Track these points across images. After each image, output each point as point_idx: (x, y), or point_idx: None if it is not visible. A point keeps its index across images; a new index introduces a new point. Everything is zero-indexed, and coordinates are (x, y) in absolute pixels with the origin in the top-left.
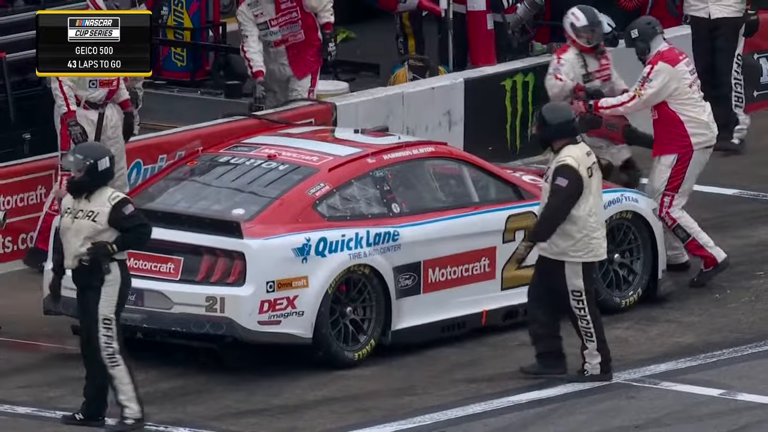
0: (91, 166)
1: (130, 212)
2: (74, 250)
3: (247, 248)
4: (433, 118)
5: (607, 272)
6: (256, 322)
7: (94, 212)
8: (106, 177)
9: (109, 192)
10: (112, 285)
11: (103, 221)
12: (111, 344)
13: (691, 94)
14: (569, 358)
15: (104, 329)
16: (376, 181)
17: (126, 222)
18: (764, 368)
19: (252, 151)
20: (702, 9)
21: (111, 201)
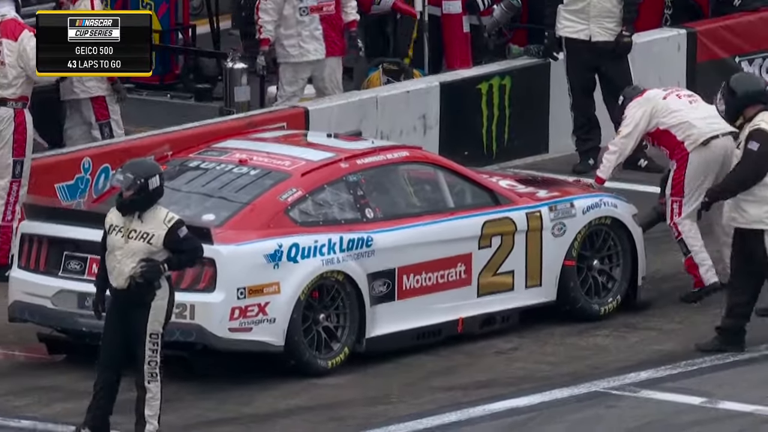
0: (142, 185)
1: (185, 235)
2: (127, 271)
3: (217, 254)
4: (407, 122)
5: (586, 279)
6: (227, 330)
7: (149, 234)
8: (157, 195)
9: (164, 213)
10: (162, 300)
11: (159, 243)
12: (155, 358)
13: (670, 104)
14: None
15: (151, 344)
16: (350, 186)
17: (181, 245)
18: (747, 376)
19: (223, 155)
20: (581, 31)
21: (167, 223)
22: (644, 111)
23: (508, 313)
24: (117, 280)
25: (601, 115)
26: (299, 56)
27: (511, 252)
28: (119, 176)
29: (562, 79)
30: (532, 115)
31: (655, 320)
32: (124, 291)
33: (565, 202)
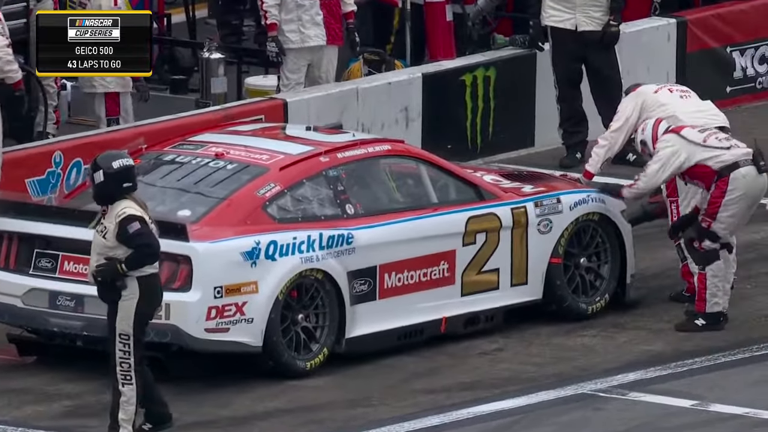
0: (91, 177)
1: (135, 231)
2: (91, 267)
3: (193, 252)
4: (389, 115)
5: (573, 277)
6: (203, 330)
7: (105, 229)
8: (106, 190)
9: (120, 207)
10: (129, 300)
11: (112, 239)
12: (127, 360)
13: (659, 98)
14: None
15: (120, 344)
16: (330, 180)
17: (131, 241)
18: (738, 378)
19: (198, 149)
20: (567, 20)
21: (117, 218)
22: (635, 105)
23: (493, 312)
24: (89, 276)
25: (588, 107)
26: (300, 42)
27: (496, 249)
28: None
29: (548, 70)
30: (517, 108)
31: (645, 320)
32: (96, 289)
33: (552, 198)
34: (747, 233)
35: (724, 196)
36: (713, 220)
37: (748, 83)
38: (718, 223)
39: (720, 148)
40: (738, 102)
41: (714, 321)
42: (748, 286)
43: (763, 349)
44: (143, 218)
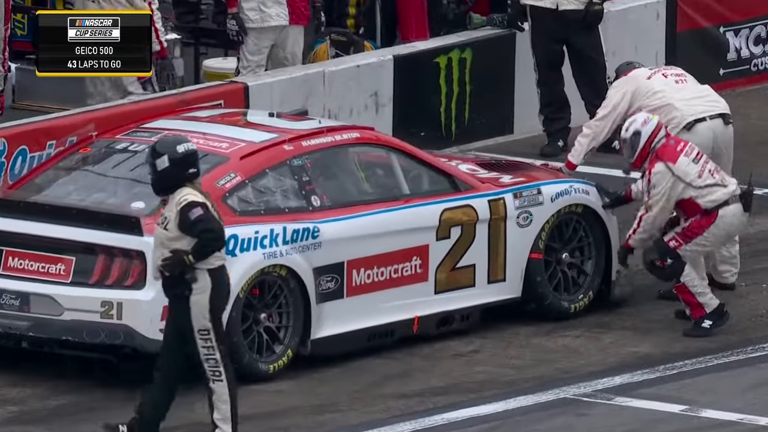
0: (151, 164)
1: (197, 217)
2: (155, 261)
3: (147, 247)
4: (358, 100)
5: (555, 273)
6: (158, 330)
7: (166, 219)
8: (170, 178)
9: (180, 195)
10: (200, 294)
11: (174, 229)
12: (213, 355)
13: (653, 84)
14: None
15: (201, 340)
16: (294, 170)
17: (193, 229)
18: (731, 381)
19: (153, 136)
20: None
21: (178, 206)
22: (625, 92)
23: (469, 311)
24: (155, 272)
25: (570, 92)
26: (260, 21)
27: (472, 244)
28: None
29: (528, 52)
30: (495, 92)
31: (631, 319)
32: (162, 285)
33: (532, 189)
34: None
35: (708, 228)
36: (685, 243)
37: (742, 65)
38: (692, 246)
39: (714, 185)
40: (732, 86)
41: (719, 316)
42: (741, 284)
43: (758, 350)
44: (205, 204)
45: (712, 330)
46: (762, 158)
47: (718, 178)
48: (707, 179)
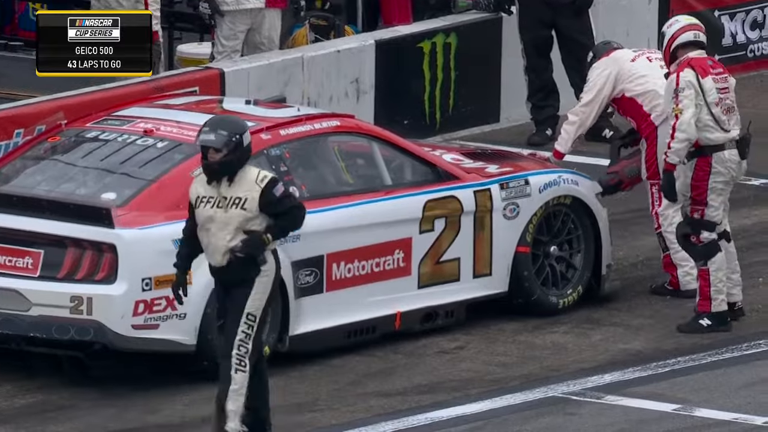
0: (237, 142)
1: (282, 193)
2: (223, 245)
3: (118, 239)
4: (338, 87)
5: (543, 267)
6: (130, 326)
7: (241, 199)
8: (249, 153)
9: (255, 172)
10: (267, 275)
11: (254, 208)
12: (246, 344)
13: (637, 68)
14: None
15: (245, 325)
16: (272, 160)
17: (279, 206)
18: (726, 379)
19: (125, 125)
20: None
21: (260, 183)
22: (609, 73)
23: (453, 306)
24: (214, 257)
25: (559, 78)
26: (235, 3)
27: (457, 236)
28: (209, 136)
29: (516, 37)
30: (481, 79)
31: (622, 315)
32: (224, 269)
33: (519, 179)
34: (736, 218)
35: (710, 172)
36: (703, 201)
37: (738, 51)
38: (711, 197)
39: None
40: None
41: (721, 321)
42: None
43: (753, 347)
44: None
45: (706, 330)
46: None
47: (725, 119)
48: (720, 114)
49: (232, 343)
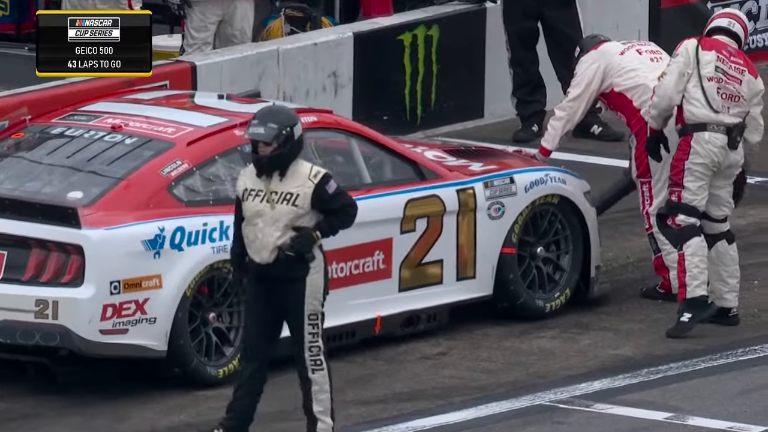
0: (288, 135)
1: (335, 190)
2: (272, 242)
3: (85, 240)
4: (315, 81)
5: (529, 269)
6: (98, 331)
7: (292, 194)
8: (301, 147)
9: (307, 167)
10: (317, 273)
11: (305, 204)
12: (317, 343)
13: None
14: None
15: (310, 326)
16: (246, 157)
17: (332, 203)
18: (720, 386)
19: (92, 120)
20: None
21: (313, 179)
22: (597, 67)
23: (436, 310)
24: (260, 253)
25: (545, 72)
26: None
27: (439, 237)
28: (258, 129)
29: (500, 29)
30: (464, 73)
31: (611, 319)
32: (270, 266)
33: (504, 177)
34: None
35: (689, 152)
36: (681, 184)
37: None
38: (688, 178)
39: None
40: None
41: (700, 307)
42: None
43: (749, 352)
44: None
45: (692, 324)
46: None
47: (719, 101)
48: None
49: (301, 347)
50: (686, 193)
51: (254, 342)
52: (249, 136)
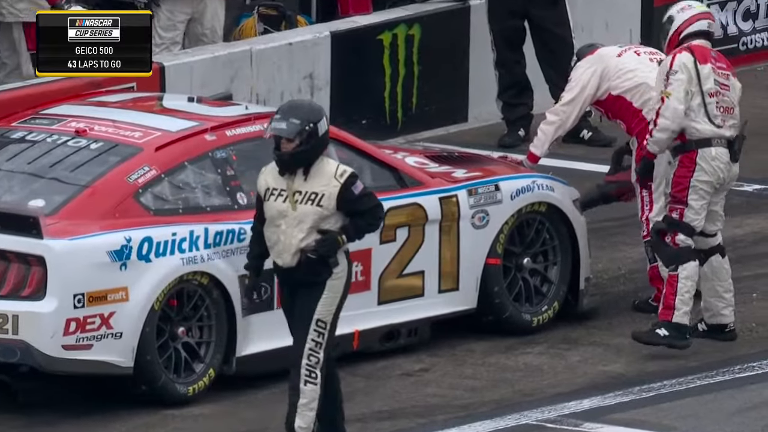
0: (311, 131)
1: (361, 191)
2: (295, 244)
3: (47, 251)
4: (290, 83)
5: (515, 281)
6: (60, 347)
7: (317, 194)
8: (326, 144)
9: (333, 166)
10: (339, 279)
11: (331, 205)
12: (317, 353)
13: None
14: None
15: (315, 333)
16: (217, 163)
17: (358, 204)
18: (715, 405)
19: (55, 124)
20: None
21: (339, 178)
22: (593, 71)
23: (417, 324)
24: (282, 256)
25: (533, 74)
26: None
27: (421, 247)
28: (280, 124)
29: (484, 28)
30: (447, 74)
31: (602, 334)
32: (293, 270)
33: (489, 185)
34: (727, 227)
35: (694, 169)
36: (685, 207)
37: (729, 44)
38: (692, 196)
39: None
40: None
41: (679, 335)
42: None
43: (746, 369)
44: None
45: (662, 341)
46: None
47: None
48: (714, 109)
49: (301, 351)
50: (689, 212)
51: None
52: (271, 131)
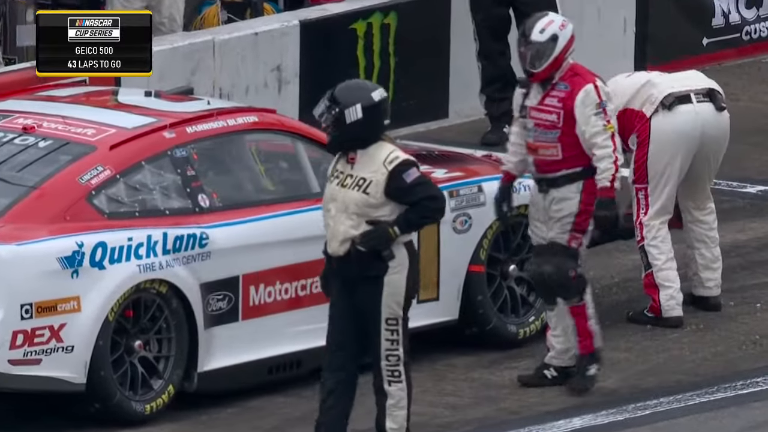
0: (337, 116)
1: (414, 179)
2: (342, 230)
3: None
4: (256, 76)
5: (500, 290)
6: (6, 362)
7: (365, 180)
8: (362, 131)
9: (386, 151)
10: (397, 273)
11: (378, 193)
12: (396, 351)
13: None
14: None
15: (388, 332)
16: (177, 163)
17: (409, 194)
18: (716, 424)
19: (0, 120)
20: None
21: (388, 165)
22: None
23: None
24: (331, 243)
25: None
26: None
27: None
28: (319, 103)
29: (466, 17)
30: (426, 67)
31: None
32: (342, 260)
33: (471, 186)
34: (729, 232)
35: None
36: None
37: (731, 33)
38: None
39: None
40: (718, 58)
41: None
42: (730, 303)
43: (750, 386)
44: (418, 164)
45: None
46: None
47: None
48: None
49: (378, 355)
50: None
51: (335, 350)
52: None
